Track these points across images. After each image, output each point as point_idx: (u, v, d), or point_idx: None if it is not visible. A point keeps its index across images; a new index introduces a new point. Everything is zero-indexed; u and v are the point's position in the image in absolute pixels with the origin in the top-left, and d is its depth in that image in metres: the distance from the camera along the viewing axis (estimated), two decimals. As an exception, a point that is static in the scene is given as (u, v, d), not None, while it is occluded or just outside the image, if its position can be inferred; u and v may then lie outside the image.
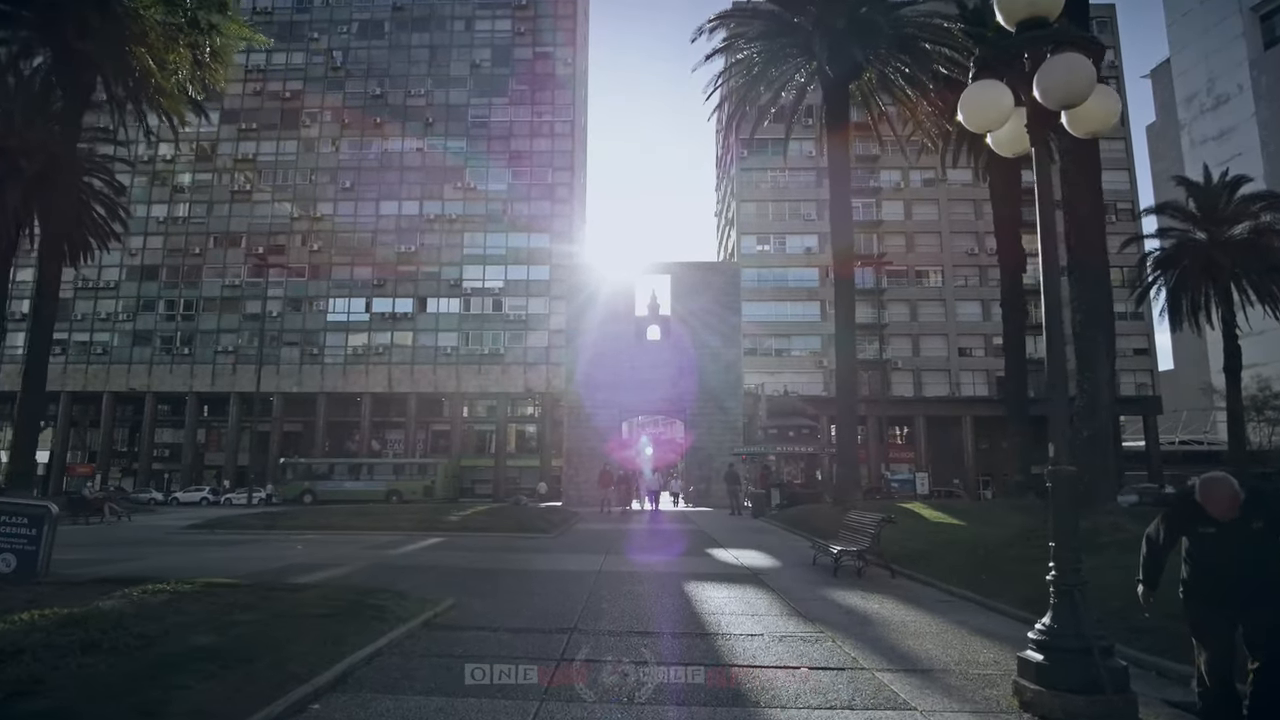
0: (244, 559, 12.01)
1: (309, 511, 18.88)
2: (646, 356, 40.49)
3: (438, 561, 11.83)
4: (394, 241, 58.47)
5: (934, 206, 58.72)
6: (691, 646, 6.17)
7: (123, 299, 58.92)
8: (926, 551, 11.02)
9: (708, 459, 39.29)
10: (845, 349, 21.50)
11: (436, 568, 10.95)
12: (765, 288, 56.64)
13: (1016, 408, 24.50)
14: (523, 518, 17.23)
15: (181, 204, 60.37)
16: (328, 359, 56.93)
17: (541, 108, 60.35)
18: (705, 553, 13.70)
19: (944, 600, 8.50)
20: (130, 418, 59.97)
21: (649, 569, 11.06)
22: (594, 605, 7.79)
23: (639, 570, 10.90)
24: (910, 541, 11.81)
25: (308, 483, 45.32)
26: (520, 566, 11.12)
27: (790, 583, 9.67)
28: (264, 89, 61.92)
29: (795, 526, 17.37)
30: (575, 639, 6.21)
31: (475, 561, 11.70)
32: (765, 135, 59.02)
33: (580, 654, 5.71)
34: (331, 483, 45.61)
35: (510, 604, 7.86)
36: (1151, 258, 31.56)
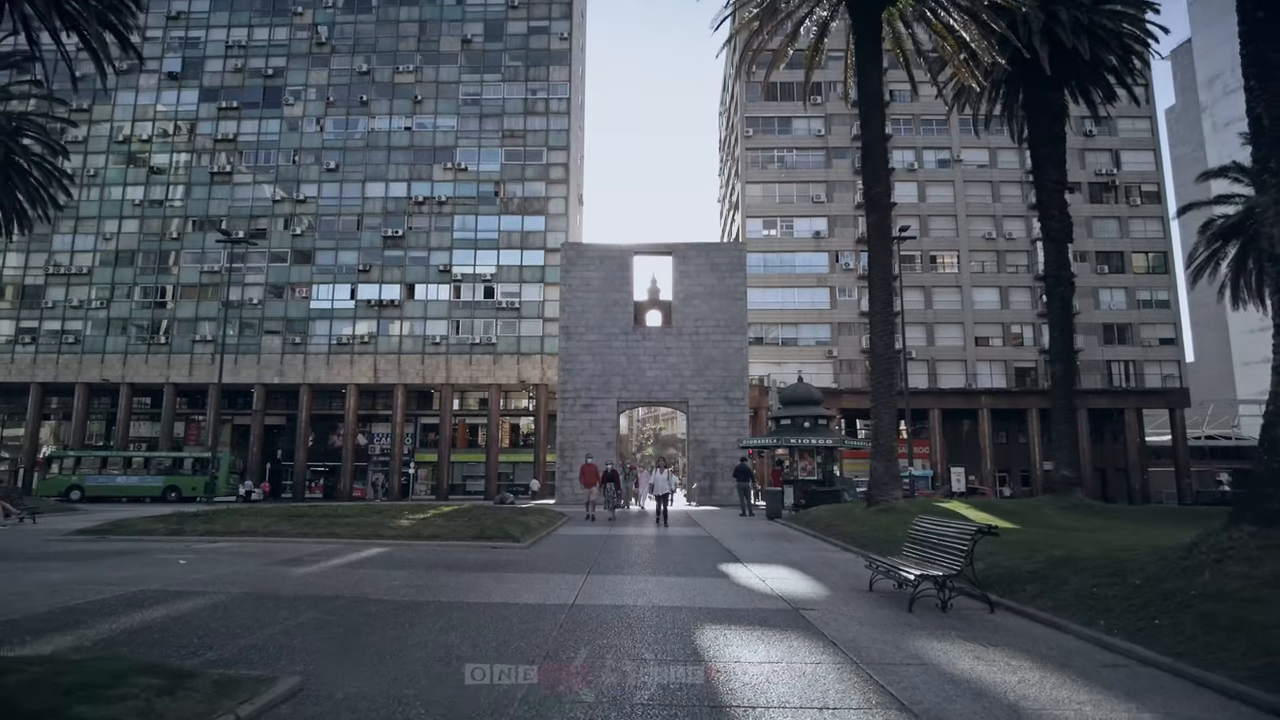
0: (82, 582, 9.10)
1: (230, 514, 15.81)
2: (646, 344, 37.82)
3: (345, 588, 8.83)
4: (381, 225, 55.52)
5: (949, 189, 55.77)
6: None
7: (96, 285, 56.03)
8: (1035, 574, 8.10)
9: (712, 454, 36.53)
10: (882, 318, 18.31)
11: (336, 599, 8.01)
12: (771, 274, 53.76)
13: (1064, 395, 21.61)
14: (491, 522, 14.20)
15: (158, 186, 57.39)
16: (311, 348, 54.04)
17: (536, 85, 57.33)
18: (720, 571, 10.68)
19: (1109, 665, 5.61)
20: (105, 410, 57.19)
21: (645, 602, 8.11)
22: (549, 683, 4.97)
23: (630, 604, 7.94)
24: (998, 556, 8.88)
25: (76, 477, 41.69)
26: (460, 596, 8.27)
27: (855, 627, 6.80)
28: (245, 66, 58.95)
29: (824, 532, 14.48)
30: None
31: (401, 587, 8.83)
32: (781, 78, 56.33)
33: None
34: (103, 477, 42.37)
35: (402, 681, 4.97)
36: (1214, 227, 28.33)
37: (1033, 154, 23.65)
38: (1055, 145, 22.96)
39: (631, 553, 12.80)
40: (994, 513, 17.28)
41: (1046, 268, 22.69)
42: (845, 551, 12.61)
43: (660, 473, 20.10)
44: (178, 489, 42.07)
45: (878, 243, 17.78)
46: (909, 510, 14.42)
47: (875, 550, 11.65)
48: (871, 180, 17.86)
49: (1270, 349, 8.01)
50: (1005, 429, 53.80)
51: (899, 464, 16.40)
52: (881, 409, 16.87)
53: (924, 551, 7.95)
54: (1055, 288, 22.26)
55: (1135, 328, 53.73)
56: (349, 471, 52.67)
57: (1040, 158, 23.20)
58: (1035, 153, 23.49)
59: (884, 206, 18.05)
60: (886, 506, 14.57)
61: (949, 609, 7.28)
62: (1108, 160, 55.76)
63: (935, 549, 7.75)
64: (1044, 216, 23.03)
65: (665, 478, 19.71)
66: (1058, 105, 23.11)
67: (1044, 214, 23.06)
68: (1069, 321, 22.08)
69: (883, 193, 17.79)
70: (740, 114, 57.38)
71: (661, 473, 19.85)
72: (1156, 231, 55.52)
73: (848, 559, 11.87)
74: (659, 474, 20.11)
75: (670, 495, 23.50)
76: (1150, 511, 20.18)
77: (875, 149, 18.22)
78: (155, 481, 42.70)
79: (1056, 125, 23.02)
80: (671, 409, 42.01)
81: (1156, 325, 54.02)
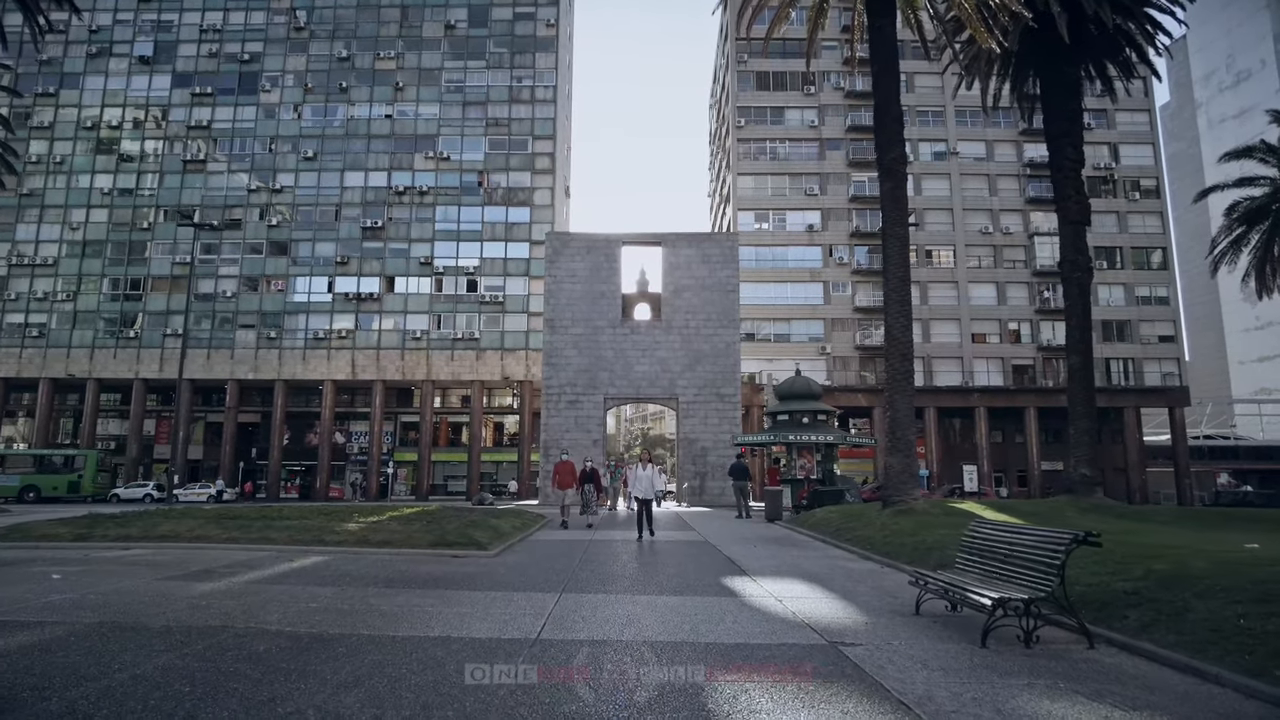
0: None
1: (151, 516, 13.77)
2: (634, 338, 36.21)
3: (242, 614, 6.78)
4: (360, 216, 53.56)
5: (945, 181, 54.45)
6: None
7: (62, 277, 53.75)
8: (1135, 595, 6.40)
9: (703, 453, 34.97)
10: (897, 297, 16.18)
11: (221, 632, 6.02)
12: (764, 268, 52.25)
13: (1083, 388, 20.14)
14: (455, 526, 12.36)
15: (128, 174, 55.16)
16: (286, 343, 52.01)
17: (521, 72, 55.53)
18: (726, 587, 8.74)
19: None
20: (73, 407, 54.95)
21: (634, 635, 6.16)
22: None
23: (613, 639, 5.97)
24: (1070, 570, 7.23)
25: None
26: (388, 627, 6.29)
27: (921, 673, 4.96)
28: (220, 50, 56.83)
29: (834, 537, 12.83)
30: None
31: (317, 612, 6.83)
32: (774, 67, 54.71)
33: None
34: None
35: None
36: (1238, 210, 26.88)
37: (1048, 132, 22.18)
38: (1072, 122, 21.51)
39: (617, 563, 11.06)
40: (1013, 514, 15.76)
41: (1063, 252, 21.22)
42: (865, 560, 10.99)
43: (643, 469, 15.35)
44: (37, 488, 39.97)
45: (893, 213, 16.15)
46: (929, 512, 12.85)
47: (904, 560, 10.05)
48: (885, 145, 16.21)
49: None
50: (1002, 428, 52.54)
51: (917, 460, 14.79)
52: (898, 399, 15.17)
53: (991, 566, 6.25)
54: (1072, 274, 20.79)
55: (1134, 325, 52.61)
56: (326, 471, 50.70)
57: (1056, 135, 21.74)
58: (1050, 130, 22.02)
59: (899, 174, 16.39)
60: (905, 508, 13.00)
61: (1035, 644, 5.56)
62: (1106, 154, 54.62)
63: (1007, 563, 6.05)
64: (1060, 198, 21.58)
65: (649, 476, 15.38)
66: (1074, 80, 21.68)
67: (1060, 196, 21.61)
68: (1087, 310, 20.61)
69: (898, 159, 16.18)
70: (732, 104, 55.85)
71: (644, 469, 15.47)
72: (1155, 227, 54.44)
73: (871, 569, 10.22)
74: (641, 471, 15.87)
75: (656, 500, 18.85)
76: (1177, 513, 18.70)
77: (888, 110, 16.62)
78: (11, 481, 40.49)
79: (1073, 101, 21.58)
80: (661, 406, 40.39)
81: (1156, 322, 52.92)
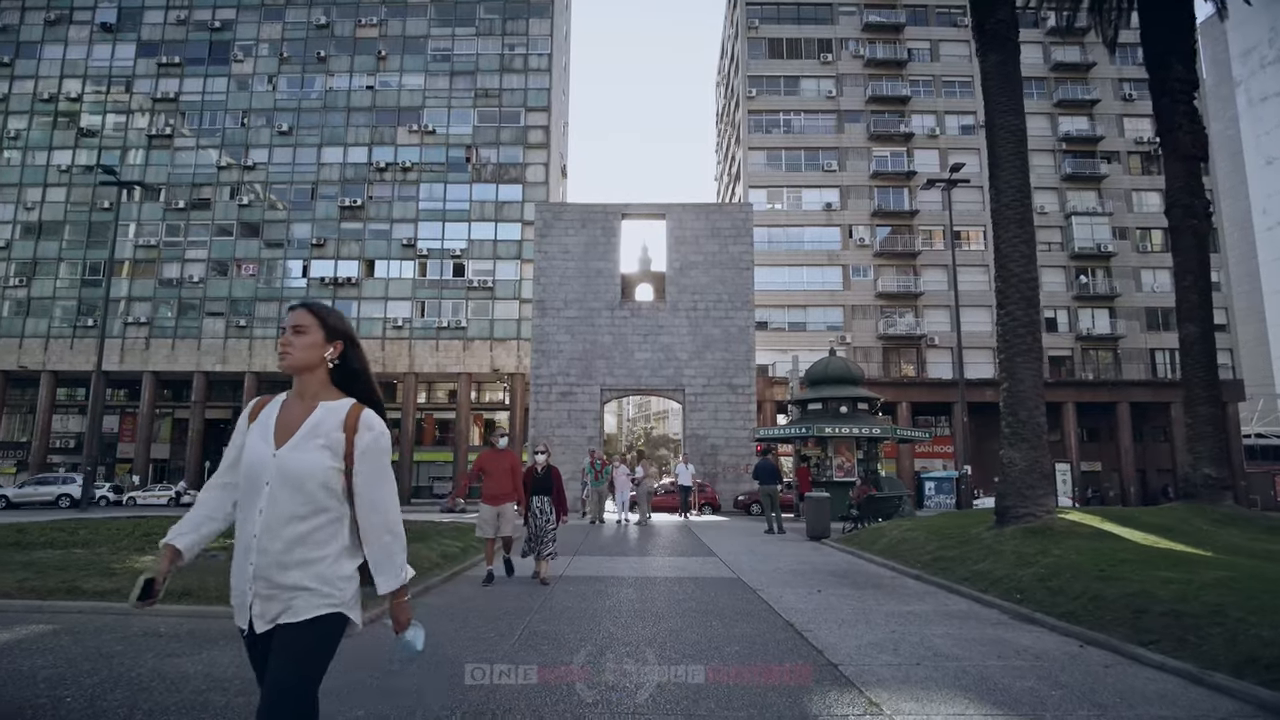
0: None
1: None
2: (635, 321, 31.95)
3: None
4: (338, 194, 49.33)
5: (975, 156, 49.92)
6: None
7: (15, 261, 49.64)
8: None
9: (713, 451, 30.65)
10: (1016, 214, 11.75)
11: None
12: (777, 250, 47.90)
13: (1203, 366, 15.75)
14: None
15: (88, 150, 51.00)
16: (258, 332, 47.78)
17: (514, 39, 51.28)
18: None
19: None
20: (26, 401, 50.76)
21: None
22: None
23: None
24: None
25: None
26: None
27: None
28: (189, 18, 52.68)
29: (942, 575, 8.24)
30: None
31: None
32: (788, 34, 50.33)
33: None
34: None
35: None
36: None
37: (1149, 51, 17.83)
38: (1184, 34, 17.18)
39: (590, 631, 5.82)
40: (1134, 526, 11.37)
41: (1171, 196, 16.85)
42: (1032, 625, 6.25)
43: (625, 470, 10.61)
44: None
45: (1001, 98, 11.67)
46: (1073, 532, 8.47)
47: (1116, 628, 5.46)
48: (986, 5, 11.45)
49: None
50: (1037, 425, 48.06)
51: (1049, 454, 10.34)
52: (1020, 364, 10.28)
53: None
54: (1185, 221, 16.40)
55: (1182, 312, 48.08)
56: (298, 471, 46.36)
57: (1160, 54, 17.37)
58: (1153, 49, 17.66)
59: (1009, 44, 11.66)
60: (1039, 525, 8.59)
61: None
62: (1148, 127, 50.11)
63: None
64: (1166, 129, 17.23)
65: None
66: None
67: (1165, 126, 17.26)
68: (1206, 265, 16.25)
69: (1005, 22, 11.60)
70: (742, 74, 51.50)
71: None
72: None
73: (1070, 652, 5.18)
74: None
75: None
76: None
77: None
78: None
79: (1185, 7, 17.23)
80: (665, 399, 36.12)
81: (1205, 310, 48.40)
